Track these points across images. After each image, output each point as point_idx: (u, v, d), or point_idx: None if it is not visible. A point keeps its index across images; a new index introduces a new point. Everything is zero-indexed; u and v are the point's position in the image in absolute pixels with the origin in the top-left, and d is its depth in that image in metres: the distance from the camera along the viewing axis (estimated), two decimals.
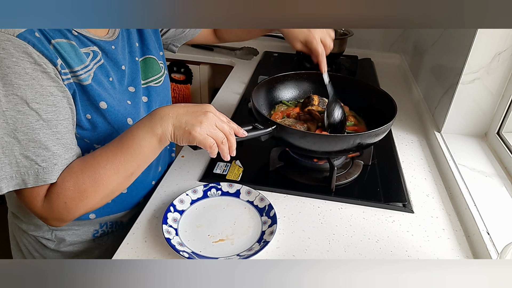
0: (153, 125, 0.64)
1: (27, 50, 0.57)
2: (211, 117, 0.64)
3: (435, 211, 0.81)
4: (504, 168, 0.90)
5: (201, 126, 0.63)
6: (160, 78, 0.88)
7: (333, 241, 0.73)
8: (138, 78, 0.81)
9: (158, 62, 0.88)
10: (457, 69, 0.96)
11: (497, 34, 0.88)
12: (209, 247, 0.69)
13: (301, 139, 0.79)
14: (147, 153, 0.65)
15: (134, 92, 0.80)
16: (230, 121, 0.69)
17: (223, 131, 0.66)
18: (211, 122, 0.64)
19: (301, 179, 0.88)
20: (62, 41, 0.64)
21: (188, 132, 0.63)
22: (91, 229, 0.84)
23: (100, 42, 0.72)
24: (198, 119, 0.64)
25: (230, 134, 0.67)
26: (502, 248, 0.56)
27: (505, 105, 0.94)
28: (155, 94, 0.86)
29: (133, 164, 0.65)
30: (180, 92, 1.74)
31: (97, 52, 0.71)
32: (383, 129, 0.80)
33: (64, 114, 0.63)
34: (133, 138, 0.64)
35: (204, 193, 0.81)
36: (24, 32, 0.57)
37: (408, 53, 1.55)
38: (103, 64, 0.72)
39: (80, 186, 0.63)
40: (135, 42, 0.83)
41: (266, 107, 1.01)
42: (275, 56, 1.66)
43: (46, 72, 0.59)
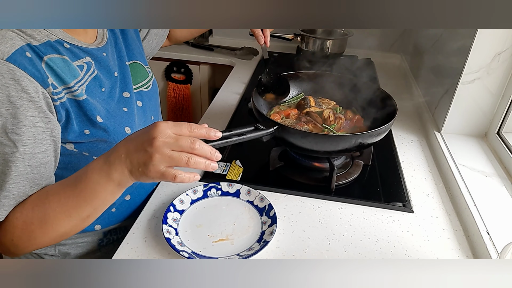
0: (108, 169, 0.56)
1: (15, 76, 0.56)
2: (160, 145, 0.53)
3: (435, 211, 0.81)
4: (504, 168, 0.90)
5: (152, 162, 0.53)
6: (149, 82, 0.88)
7: (333, 241, 0.73)
8: (130, 82, 0.81)
9: (145, 67, 0.88)
10: (457, 69, 0.96)
11: (497, 34, 0.88)
12: (209, 247, 0.69)
13: (302, 139, 0.79)
14: (104, 197, 0.59)
15: (129, 98, 0.79)
16: (192, 127, 0.56)
17: (183, 150, 0.54)
18: (163, 150, 0.53)
19: (301, 179, 0.88)
20: (55, 56, 0.64)
21: (144, 174, 0.54)
22: (95, 239, 0.83)
23: (92, 50, 0.72)
24: (147, 153, 0.53)
25: (193, 148, 0.54)
26: (502, 248, 0.56)
27: (505, 105, 0.94)
28: (147, 99, 0.85)
29: (88, 208, 0.60)
30: (180, 92, 1.74)
31: (90, 63, 0.70)
32: (384, 129, 0.80)
33: (41, 147, 0.60)
34: (87, 182, 0.58)
35: (204, 193, 0.81)
36: (15, 53, 0.57)
37: (408, 53, 1.55)
38: (97, 74, 0.72)
39: (29, 226, 0.59)
40: (122, 46, 0.82)
41: (266, 107, 1.01)
42: (275, 56, 1.66)
43: (32, 101, 0.58)
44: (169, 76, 1.73)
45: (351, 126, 0.95)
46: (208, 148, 0.56)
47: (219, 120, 1.13)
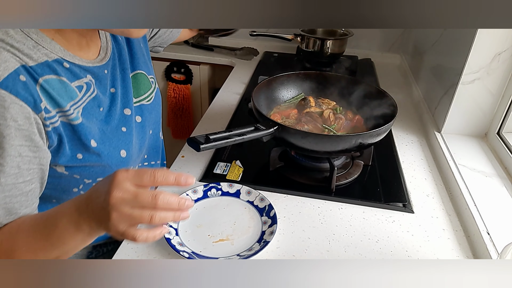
0: (77, 218, 0.52)
1: (5, 103, 0.53)
2: (117, 202, 0.47)
3: (435, 211, 0.81)
4: (504, 168, 0.90)
5: (111, 221, 0.48)
6: (151, 95, 0.84)
7: (333, 241, 0.73)
8: (131, 97, 0.77)
9: (148, 77, 0.84)
10: (457, 69, 0.96)
11: (497, 34, 0.88)
12: (209, 247, 0.69)
13: (302, 139, 0.79)
14: (74, 245, 0.55)
15: (129, 116, 0.75)
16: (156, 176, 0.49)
17: (144, 207, 0.48)
18: (120, 209, 0.47)
19: (301, 179, 0.88)
20: (51, 77, 0.60)
21: (108, 231, 0.50)
22: (84, 252, 0.81)
23: (94, 69, 0.68)
24: (105, 211, 0.48)
25: (156, 204, 0.48)
26: (502, 248, 0.56)
27: (505, 105, 0.94)
28: (147, 113, 0.82)
29: (56, 252, 0.55)
30: (180, 92, 1.74)
31: (90, 83, 0.67)
32: (384, 129, 0.80)
33: (26, 176, 0.57)
34: (56, 226, 0.53)
35: (204, 193, 0.81)
36: (7, 78, 0.53)
37: (408, 53, 1.55)
38: (96, 95, 0.68)
39: None
40: (126, 57, 0.79)
41: (266, 107, 1.01)
42: (275, 56, 1.66)
43: (20, 129, 0.55)
44: (169, 76, 1.73)
45: (351, 126, 0.95)
46: (175, 199, 0.49)
47: (219, 120, 1.13)
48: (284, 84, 1.05)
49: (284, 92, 1.05)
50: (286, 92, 1.05)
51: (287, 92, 1.05)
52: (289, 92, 1.06)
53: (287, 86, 1.05)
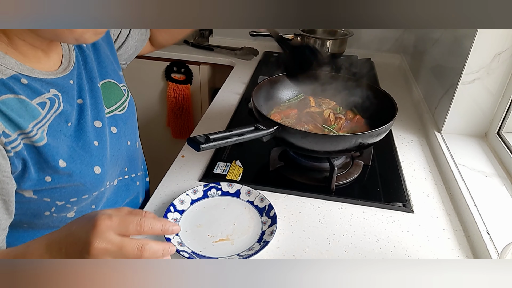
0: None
1: None
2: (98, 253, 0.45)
3: (435, 211, 0.81)
4: (504, 168, 0.90)
5: None
6: (124, 103, 0.78)
7: (333, 241, 0.73)
8: (102, 108, 0.72)
9: (119, 86, 0.79)
10: (457, 69, 0.96)
11: (497, 34, 0.88)
12: (209, 247, 0.69)
13: (302, 139, 0.79)
14: None
15: (101, 128, 0.70)
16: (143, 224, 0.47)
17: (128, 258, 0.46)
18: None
19: (301, 179, 0.88)
20: (9, 97, 0.55)
21: None
22: None
23: (57, 80, 0.63)
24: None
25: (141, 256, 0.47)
26: (502, 248, 0.56)
27: (505, 105, 0.94)
28: (122, 123, 0.76)
29: None
30: (180, 92, 1.74)
31: (53, 98, 0.62)
32: (384, 129, 0.80)
33: None
34: None
35: (204, 193, 0.81)
36: None
37: (408, 53, 1.55)
38: (63, 109, 0.63)
39: None
40: (93, 65, 0.73)
41: (266, 107, 1.01)
42: (275, 56, 1.66)
43: None
44: (169, 76, 1.73)
45: (351, 126, 0.95)
46: (160, 249, 0.48)
47: (219, 120, 1.13)
48: (284, 84, 1.05)
49: (284, 92, 1.05)
50: (286, 92, 1.05)
51: (287, 92, 1.06)
52: (289, 92, 1.06)
53: (287, 86, 1.05)
